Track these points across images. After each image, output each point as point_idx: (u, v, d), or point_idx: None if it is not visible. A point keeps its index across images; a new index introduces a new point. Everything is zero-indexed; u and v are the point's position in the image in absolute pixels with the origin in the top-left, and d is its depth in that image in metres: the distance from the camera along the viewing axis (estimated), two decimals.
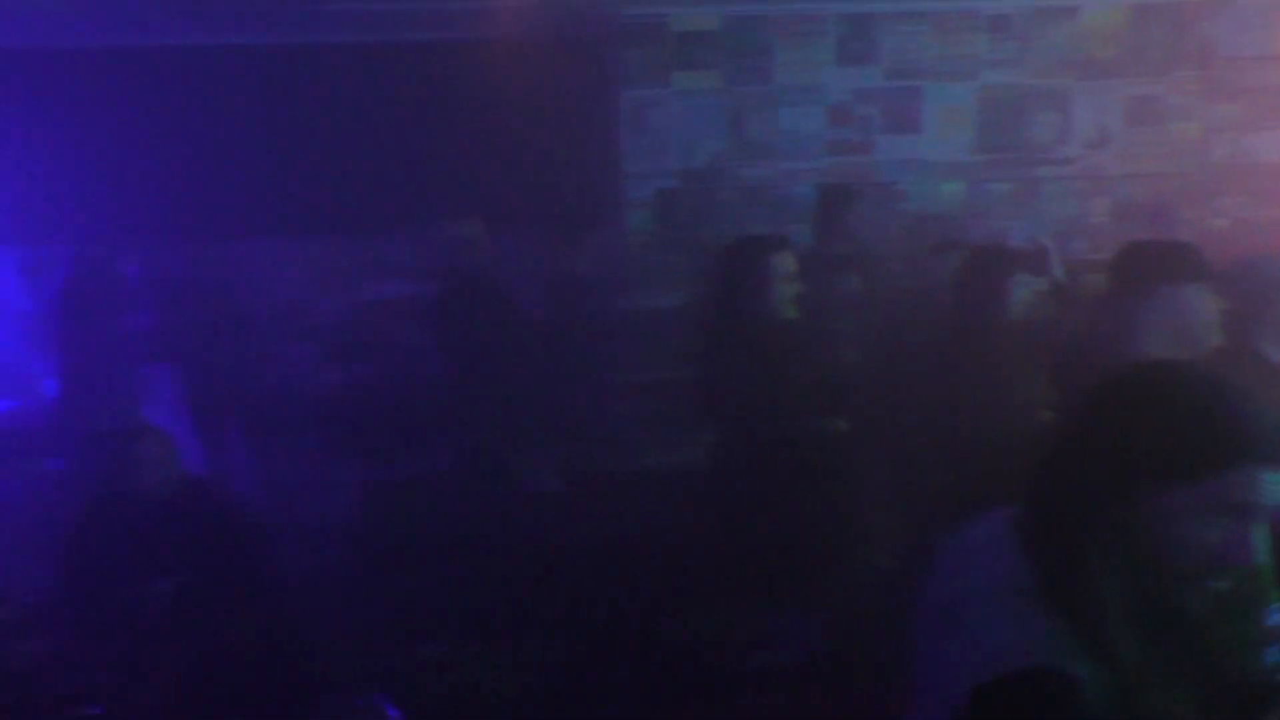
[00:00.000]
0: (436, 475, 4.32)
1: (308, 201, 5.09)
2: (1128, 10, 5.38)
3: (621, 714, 3.05)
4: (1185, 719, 1.38)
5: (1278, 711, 1.46)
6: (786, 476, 3.21)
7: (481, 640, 3.35)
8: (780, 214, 4.83)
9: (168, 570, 3.12)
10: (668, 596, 3.37)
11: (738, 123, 5.25)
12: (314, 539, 3.99)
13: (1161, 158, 5.39)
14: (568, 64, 5.18)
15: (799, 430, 3.29)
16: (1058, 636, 1.38)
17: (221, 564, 3.15)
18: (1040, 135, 5.40)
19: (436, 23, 5.02)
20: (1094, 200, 5.36)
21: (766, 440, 3.27)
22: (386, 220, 5.07)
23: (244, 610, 3.12)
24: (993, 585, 1.47)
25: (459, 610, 3.52)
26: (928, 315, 3.81)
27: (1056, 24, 5.39)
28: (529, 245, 4.70)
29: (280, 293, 5.04)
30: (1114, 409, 1.46)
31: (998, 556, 1.50)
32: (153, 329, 4.55)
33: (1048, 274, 3.58)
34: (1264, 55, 5.46)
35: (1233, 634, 1.50)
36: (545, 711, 3.09)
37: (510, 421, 4.23)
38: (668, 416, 4.09)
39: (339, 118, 5.12)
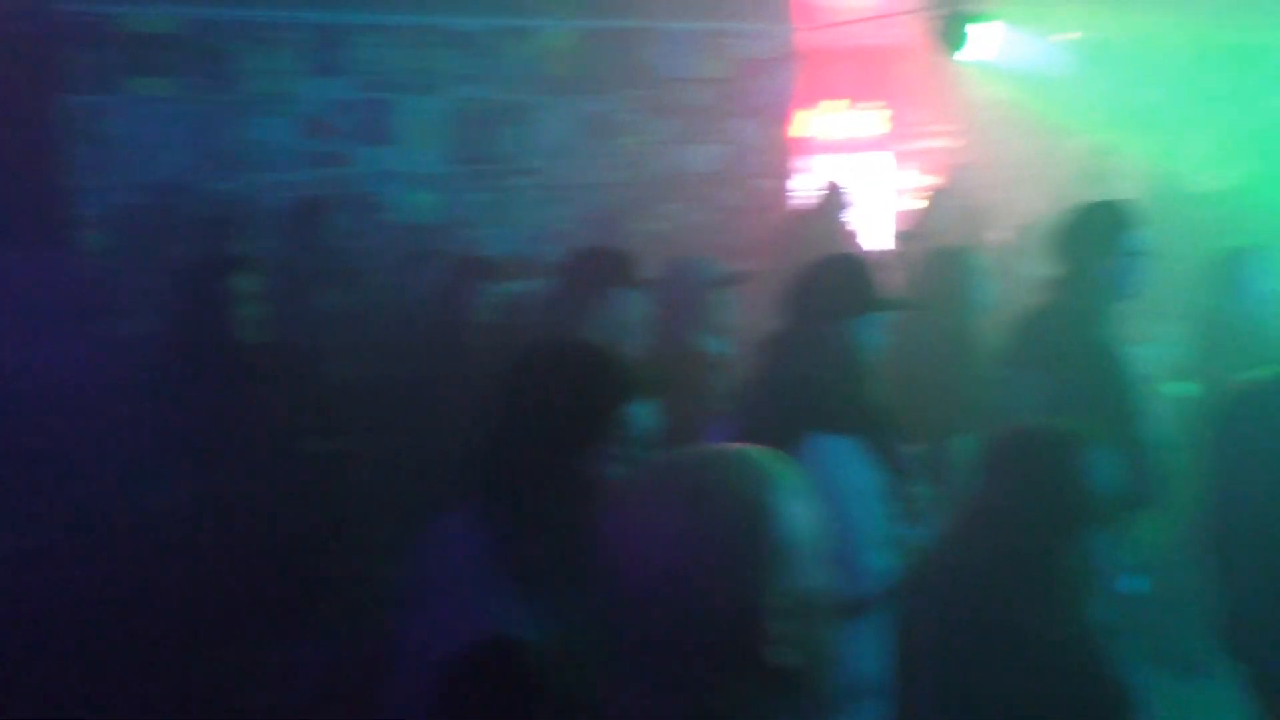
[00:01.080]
0: None
1: None
2: (578, 33, 5.89)
3: None
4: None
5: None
6: (281, 503, 3.15)
7: None
8: (255, 229, 4.68)
9: None
10: (180, 642, 3.16)
11: (205, 133, 4.98)
12: None
13: (614, 169, 5.98)
14: (2, 64, 4.60)
15: (287, 454, 3.23)
16: (515, 607, 1.52)
17: None
18: (508, 147, 5.74)
19: None
20: (558, 208, 5.81)
21: (255, 468, 3.18)
22: None
23: None
24: (461, 566, 1.61)
25: None
26: (412, 325, 3.93)
27: (518, 43, 5.76)
28: None
29: None
30: (531, 389, 1.67)
31: (466, 540, 1.64)
32: None
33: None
34: (693, 78, 6.25)
35: None
36: None
37: None
38: (152, 454, 3.81)
39: None
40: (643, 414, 1.64)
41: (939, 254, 3.93)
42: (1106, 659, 1.76)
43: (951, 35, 5.73)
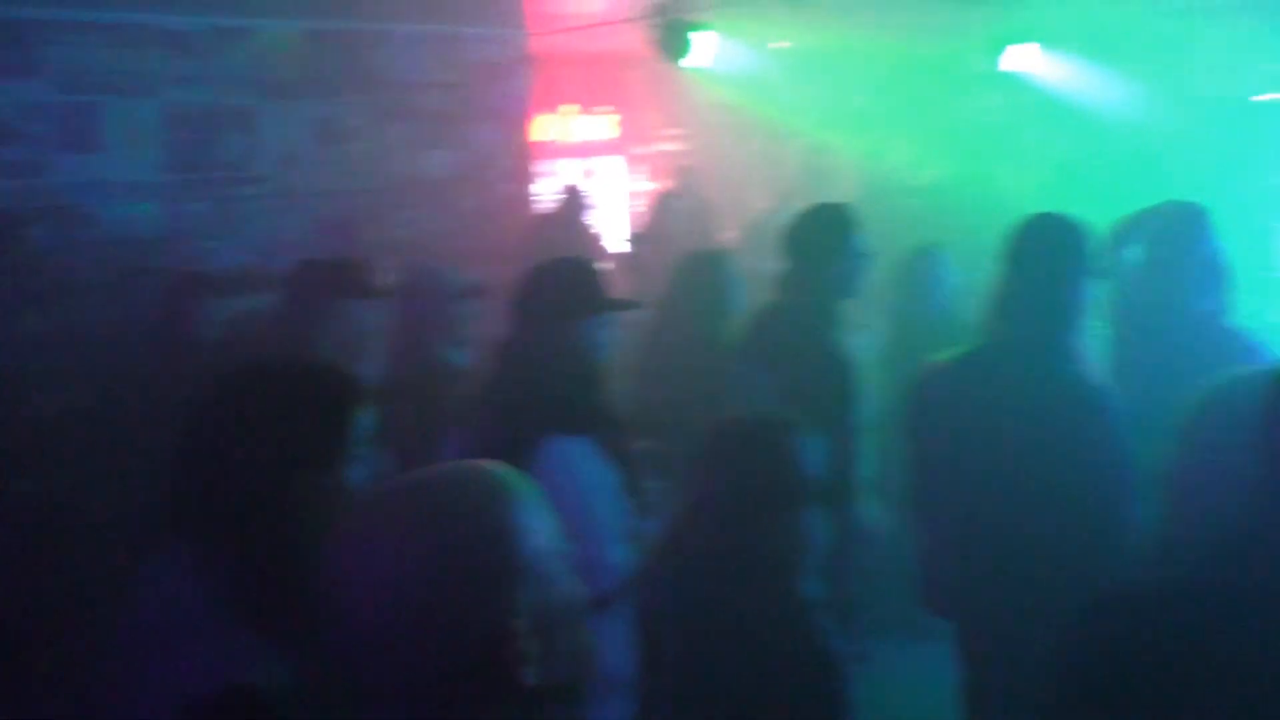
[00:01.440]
0: None
1: None
2: (301, 35, 5.67)
3: None
4: None
5: None
6: None
7: None
8: None
9: None
10: None
11: None
12: None
13: (347, 175, 5.80)
14: None
15: None
16: (248, 650, 1.43)
17: None
18: (232, 154, 5.46)
19: None
20: (290, 217, 5.57)
21: None
22: None
23: None
24: (186, 609, 1.49)
25: None
26: (129, 348, 3.69)
27: (236, 44, 5.47)
28: None
29: None
30: (243, 412, 1.58)
31: (186, 582, 1.52)
32: None
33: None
34: (426, 82, 6.17)
35: None
36: None
37: None
38: None
39: None
40: (367, 421, 1.58)
41: (693, 257, 4.06)
42: (818, 632, 1.91)
43: (672, 43, 5.97)
